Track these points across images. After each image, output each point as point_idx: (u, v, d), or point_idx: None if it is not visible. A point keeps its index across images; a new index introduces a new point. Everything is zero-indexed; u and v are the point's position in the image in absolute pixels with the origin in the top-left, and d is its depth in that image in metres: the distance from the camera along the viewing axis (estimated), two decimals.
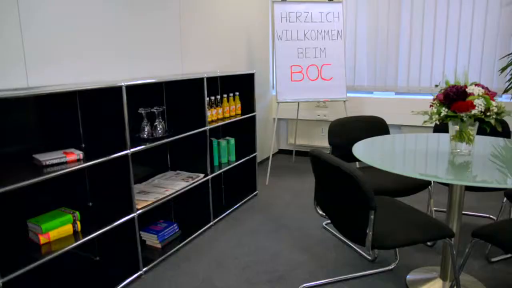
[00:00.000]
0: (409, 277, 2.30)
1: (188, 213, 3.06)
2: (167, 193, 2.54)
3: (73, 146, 2.25)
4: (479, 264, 2.44)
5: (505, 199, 2.51)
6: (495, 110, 1.80)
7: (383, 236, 1.77)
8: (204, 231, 2.92)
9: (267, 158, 4.88)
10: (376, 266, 2.43)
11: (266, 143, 4.83)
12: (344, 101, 4.12)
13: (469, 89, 1.85)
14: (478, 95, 1.83)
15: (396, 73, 4.41)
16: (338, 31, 4.08)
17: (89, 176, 2.36)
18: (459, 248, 2.56)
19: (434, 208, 3.28)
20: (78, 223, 2.07)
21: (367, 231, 1.72)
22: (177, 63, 3.06)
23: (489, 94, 1.84)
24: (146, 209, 2.34)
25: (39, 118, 2.07)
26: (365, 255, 2.56)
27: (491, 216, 3.14)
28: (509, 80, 3.30)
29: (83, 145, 2.30)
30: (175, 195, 2.58)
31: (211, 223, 3.00)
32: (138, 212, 2.28)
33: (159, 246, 2.61)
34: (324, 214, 2.07)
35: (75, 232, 2.05)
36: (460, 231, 2.18)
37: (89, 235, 2.01)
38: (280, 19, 3.96)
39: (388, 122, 4.32)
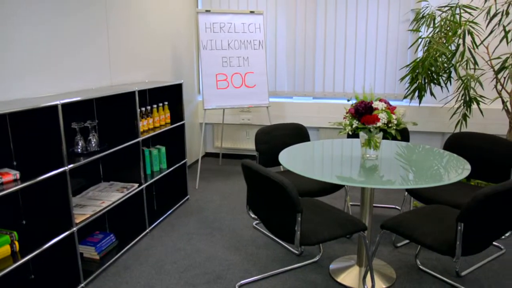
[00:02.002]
0: (332, 266, 2.62)
1: (123, 222, 3.12)
2: (104, 205, 2.61)
3: (4, 165, 2.24)
4: (387, 249, 2.84)
5: (406, 193, 2.94)
6: (395, 122, 2.16)
7: (309, 234, 2.05)
8: (141, 238, 3.01)
9: (195, 162, 5.02)
10: (303, 259, 2.73)
11: (194, 148, 4.98)
12: (267, 107, 4.41)
13: (374, 104, 2.19)
14: (382, 109, 2.18)
15: (313, 79, 4.80)
16: (259, 41, 4.35)
17: (23, 194, 2.36)
18: (371, 238, 2.94)
19: (350, 203, 3.69)
20: (16, 243, 2.08)
21: (296, 230, 1.97)
22: (106, 74, 3.10)
23: (390, 109, 2.20)
24: (84, 223, 2.39)
25: None
26: (292, 250, 2.85)
27: (396, 207, 3.61)
28: (407, 88, 3.80)
29: (15, 163, 2.29)
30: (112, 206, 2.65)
31: (147, 230, 3.10)
32: (78, 226, 2.33)
33: (97, 257, 2.67)
34: (256, 217, 2.30)
35: (13, 252, 2.06)
36: (371, 223, 2.54)
37: (28, 254, 2.04)
38: (205, 29, 4.13)
39: (306, 125, 4.71)
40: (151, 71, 3.81)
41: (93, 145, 2.62)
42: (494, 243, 2.96)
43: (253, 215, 2.35)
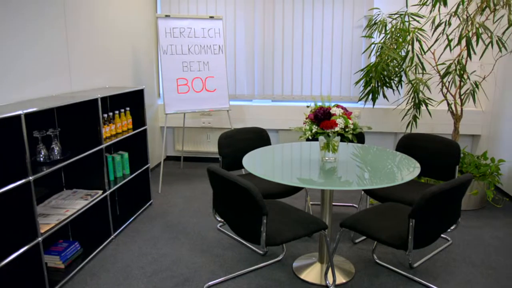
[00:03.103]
0: (295, 264, 2.75)
1: (87, 230, 3.10)
2: (68, 213, 2.60)
3: None
4: (346, 246, 3.00)
5: (362, 192, 3.11)
6: (352, 127, 2.31)
7: (274, 235, 2.15)
8: (106, 245, 3.01)
9: (156, 166, 5.02)
10: (267, 258, 2.83)
11: (155, 152, 4.98)
12: (228, 111, 4.49)
13: (332, 110, 2.33)
14: (339, 115, 2.32)
15: (272, 83, 4.93)
16: (219, 46, 4.42)
17: None
18: (331, 236, 3.09)
19: (311, 203, 3.84)
20: None
21: (261, 231, 2.07)
22: (65, 80, 3.07)
23: (347, 114, 2.35)
24: (50, 232, 2.38)
25: None
26: (257, 250, 2.95)
27: (354, 205, 3.80)
28: (362, 91, 4.00)
29: None
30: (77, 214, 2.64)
31: (112, 236, 3.10)
32: (43, 236, 2.32)
33: (62, 266, 2.65)
34: (222, 220, 2.38)
35: None
36: (331, 222, 2.68)
37: None
38: (165, 34, 4.15)
39: (266, 127, 4.83)
40: (112, 76, 3.79)
41: (56, 153, 2.60)
42: (442, 235, 3.20)
43: (219, 218, 2.42)
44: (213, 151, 5.18)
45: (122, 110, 3.45)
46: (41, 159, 2.54)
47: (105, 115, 3.19)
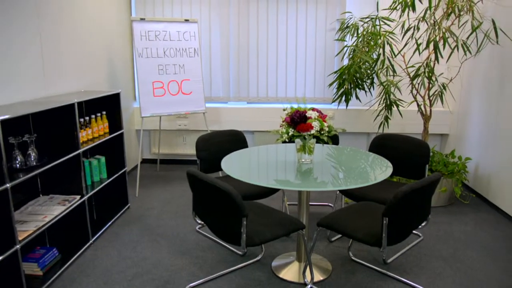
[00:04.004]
0: (274, 263, 2.81)
1: (64, 235, 3.08)
2: (47, 219, 2.58)
3: None
4: (323, 244, 3.09)
5: (338, 191, 3.21)
6: (327, 129, 2.39)
7: (254, 236, 2.21)
8: (85, 250, 3.00)
9: (133, 169, 5.00)
10: (247, 259, 2.89)
11: (131, 155, 4.95)
12: (204, 113, 4.52)
13: (308, 114, 2.41)
14: (315, 118, 2.40)
15: (247, 85, 4.99)
16: (195, 49, 4.44)
17: None
18: (308, 235, 3.17)
19: (288, 203, 3.92)
20: None
21: (242, 233, 2.13)
22: (40, 84, 3.04)
23: (322, 117, 2.43)
24: (28, 239, 2.36)
25: None
26: (236, 251, 3.00)
27: (329, 204, 3.90)
28: (335, 93, 4.11)
29: None
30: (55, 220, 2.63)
31: (90, 241, 3.09)
32: (22, 243, 2.30)
33: (40, 273, 2.63)
34: (202, 222, 2.42)
35: None
36: (308, 221, 2.76)
37: None
38: (140, 37, 4.15)
39: (242, 129, 4.88)
40: (87, 79, 3.77)
41: (33, 159, 2.58)
42: (413, 232, 3.34)
43: (199, 221, 2.46)
44: (189, 153, 5.20)
45: (99, 114, 3.43)
46: (18, 165, 2.51)
47: (82, 120, 3.18)
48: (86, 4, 3.75)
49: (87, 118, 3.25)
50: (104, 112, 3.52)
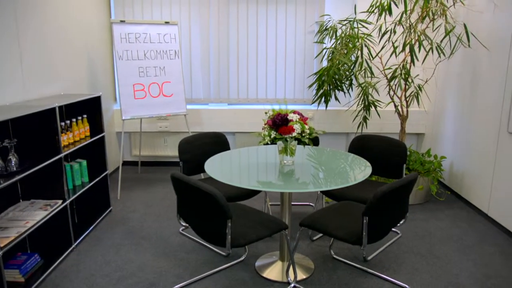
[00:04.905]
0: (257, 263, 2.86)
1: (46, 240, 3.06)
2: (28, 225, 2.57)
3: None
4: (305, 243, 3.16)
5: (319, 191, 3.28)
6: (308, 132, 2.45)
7: (238, 237, 2.25)
8: (67, 255, 2.99)
9: (114, 172, 4.97)
10: (231, 259, 2.93)
11: (112, 157, 4.92)
12: (185, 115, 4.53)
13: (289, 117, 2.46)
14: (296, 121, 2.46)
15: (228, 86, 5.02)
16: (175, 51, 4.45)
17: None
18: (291, 235, 3.24)
19: (270, 203, 3.98)
20: None
21: (226, 234, 2.17)
22: (19, 88, 3.00)
23: (303, 120, 2.49)
24: (10, 245, 2.35)
25: None
26: (220, 252, 3.04)
27: (310, 204, 3.98)
28: (315, 94, 4.19)
29: None
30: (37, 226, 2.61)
31: (73, 246, 3.07)
32: (3, 250, 2.28)
33: (22, 280, 2.61)
34: (186, 224, 2.45)
35: None
36: (290, 221, 2.82)
37: None
38: (120, 40, 4.13)
39: (223, 130, 4.92)
40: (67, 82, 3.73)
41: (13, 164, 2.56)
42: (392, 229, 3.44)
43: (184, 223, 2.49)
44: (171, 155, 5.20)
45: (79, 118, 3.41)
46: None
47: (62, 123, 3.16)
48: (66, 6, 3.71)
49: (68, 121, 3.23)
50: (85, 116, 3.50)
